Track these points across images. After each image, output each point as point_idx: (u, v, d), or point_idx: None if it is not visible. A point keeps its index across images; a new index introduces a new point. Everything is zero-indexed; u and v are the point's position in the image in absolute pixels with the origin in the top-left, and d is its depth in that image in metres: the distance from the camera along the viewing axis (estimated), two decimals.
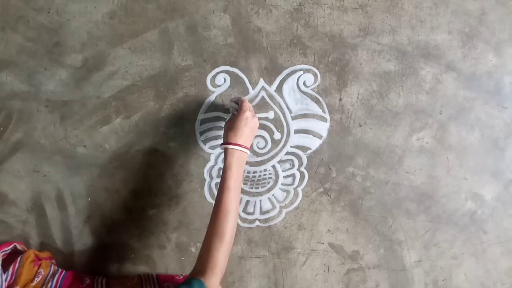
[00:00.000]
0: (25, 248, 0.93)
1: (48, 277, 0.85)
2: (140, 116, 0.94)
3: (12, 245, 0.90)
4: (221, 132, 0.93)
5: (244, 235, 0.99)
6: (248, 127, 0.83)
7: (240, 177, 0.81)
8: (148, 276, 0.93)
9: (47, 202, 0.95)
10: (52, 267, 0.89)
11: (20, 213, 0.95)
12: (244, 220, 0.99)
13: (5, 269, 0.82)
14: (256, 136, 0.95)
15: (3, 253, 0.87)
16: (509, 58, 0.96)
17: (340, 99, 0.95)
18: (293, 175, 0.97)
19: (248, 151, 0.83)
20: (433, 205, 1.00)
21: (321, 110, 0.95)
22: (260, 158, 0.97)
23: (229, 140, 0.81)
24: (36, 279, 0.83)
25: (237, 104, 0.87)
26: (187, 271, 0.90)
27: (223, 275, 0.74)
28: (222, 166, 0.95)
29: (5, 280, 0.80)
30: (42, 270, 0.86)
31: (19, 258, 0.85)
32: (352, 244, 1.00)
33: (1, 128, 0.93)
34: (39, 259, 0.89)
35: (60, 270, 0.89)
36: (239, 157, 0.81)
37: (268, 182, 0.98)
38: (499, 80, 0.97)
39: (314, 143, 0.96)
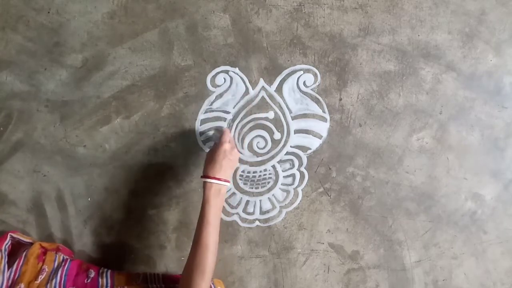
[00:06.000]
0: (22, 238, 0.91)
1: (52, 273, 0.85)
2: (140, 116, 0.94)
3: (9, 237, 0.89)
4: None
5: (244, 235, 0.99)
6: (227, 159, 0.83)
7: (219, 209, 0.82)
8: (153, 276, 0.93)
9: (47, 202, 0.95)
10: (56, 261, 0.87)
11: (20, 213, 0.95)
12: (244, 220, 0.99)
13: (9, 265, 0.81)
14: (256, 136, 0.95)
15: (7, 248, 0.86)
16: (509, 58, 0.96)
17: (340, 99, 0.95)
18: (293, 175, 0.97)
19: (226, 183, 0.83)
20: (433, 205, 1.00)
21: (321, 110, 0.95)
22: (260, 158, 0.97)
23: (207, 173, 0.83)
24: (40, 276, 0.83)
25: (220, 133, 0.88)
26: None
27: None
28: None
29: (9, 278, 0.80)
30: (46, 266, 0.85)
31: (23, 254, 0.84)
32: (352, 244, 1.00)
33: (1, 128, 0.93)
34: (44, 253, 0.88)
35: (63, 264, 0.88)
36: (217, 190, 0.82)
37: (268, 182, 0.98)
38: (499, 80, 0.97)
39: (314, 143, 0.96)
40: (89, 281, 0.86)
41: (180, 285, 0.76)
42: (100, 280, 0.87)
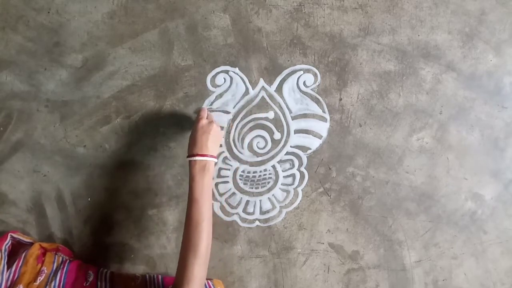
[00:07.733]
0: (22, 238, 0.91)
1: (51, 275, 0.85)
2: (140, 116, 0.94)
3: (9, 237, 0.89)
4: (221, 133, 0.94)
5: (244, 235, 0.99)
6: (206, 134, 0.83)
7: (207, 186, 0.80)
8: (153, 278, 0.93)
9: (47, 202, 0.95)
10: (55, 262, 0.88)
11: (20, 213, 0.95)
12: (244, 220, 0.99)
13: (9, 265, 0.81)
14: (256, 136, 0.95)
15: (7, 249, 0.86)
16: (509, 58, 0.96)
17: (340, 99, 0.95)
18: (293, 175, 0.98)
19: (211, 158, 0.82)
20: (433, 205, 1.00)
21: (321, 110, 0.95)
22: (260, 158, 0.97)
23: (190, 152, 0.82)
24: (39, 278, 0.83)
25: None
26: None
27: (203, 285, 0.75)
28: (222, 165, 0.96)
29: (8, 279, 0.80)
30: (45, 268, 0.85)
31: (23, 255, 0.84)
32: (352, 244, 1.00)
33: (1, 128, 0.93)
34: (44, 254, 0.88)
35: (62, 266, 0.88)
36: (201, 167, 0.81)
37: (268, 182, 0.98)
38: (499, 80, 0.97)
39: (314, 143, 0.96)
40: (88, 284, 0.86)
41: (178, 265, 0.75)
42: (99, 283, 0.87)
